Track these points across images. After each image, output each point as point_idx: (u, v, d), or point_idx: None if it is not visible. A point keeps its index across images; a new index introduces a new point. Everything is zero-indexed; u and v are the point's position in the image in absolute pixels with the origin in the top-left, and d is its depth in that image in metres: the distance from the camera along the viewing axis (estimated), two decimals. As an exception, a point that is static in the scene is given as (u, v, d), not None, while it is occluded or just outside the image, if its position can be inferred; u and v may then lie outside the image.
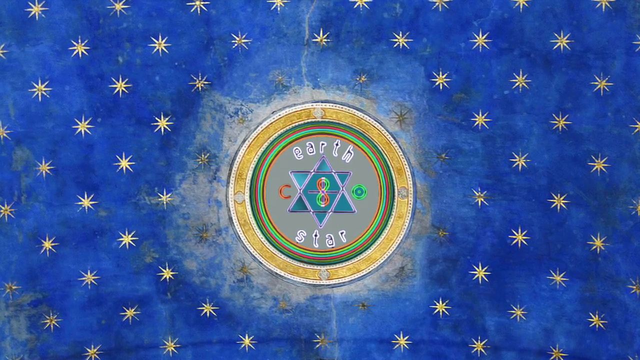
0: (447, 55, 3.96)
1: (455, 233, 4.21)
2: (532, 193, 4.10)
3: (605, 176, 3.93)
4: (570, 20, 3.85)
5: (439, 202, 4.21)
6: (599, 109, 3.93)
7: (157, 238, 4.23)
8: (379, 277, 4.35)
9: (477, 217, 4.16)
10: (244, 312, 4.34)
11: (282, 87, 4.26)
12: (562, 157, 4.03)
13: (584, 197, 3.99)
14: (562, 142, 4.02)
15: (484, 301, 4.23)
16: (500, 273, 4.21)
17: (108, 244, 4.23)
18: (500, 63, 4.00)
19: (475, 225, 4.18)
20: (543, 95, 4.01)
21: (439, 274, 4.27)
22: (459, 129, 4.04)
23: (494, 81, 4.03)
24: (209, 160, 4.30)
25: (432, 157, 4.14)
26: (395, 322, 4.30)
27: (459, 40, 3.96)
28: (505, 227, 4.17)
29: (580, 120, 3.98)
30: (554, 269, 4.12)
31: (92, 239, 4.22)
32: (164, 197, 4.25)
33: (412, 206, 4.26)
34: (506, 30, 3.92)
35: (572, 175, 4.01)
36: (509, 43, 3.96)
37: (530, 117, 4.03)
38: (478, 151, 4.11)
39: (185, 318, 4.31)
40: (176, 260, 4.29)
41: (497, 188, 4.14)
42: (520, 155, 4.07)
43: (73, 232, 4.18)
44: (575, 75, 3.94)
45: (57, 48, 4.06)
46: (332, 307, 4.33)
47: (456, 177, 4.10)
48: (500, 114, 4.03)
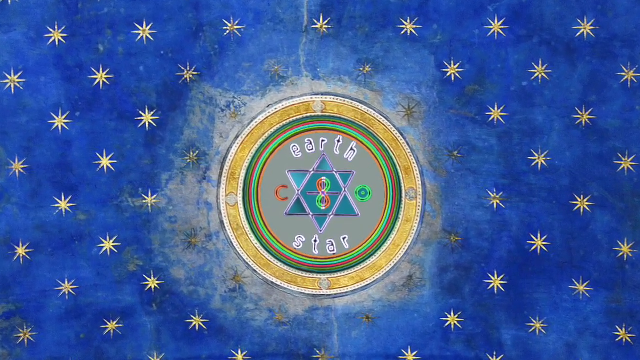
0: (459, 43, 3.97)
1: (468, 238, 4.21)
2: (552, 194, 4.11)
3: (633, 176, 3.94)
4: (594, 5, 3.85)
5: (450, 204, 4.21)
6: (626, 102, 3.94)
7: (141, 243, 4.23)
8: (385, 287, 4.35)
9: (493, 221, 4.17)
10: (237, 324, 4.35)
11: (278, 78, 4.26)
12: (585, 155, 4.03)
13: (609, 198, 4.00)
14: (585, 138, 4.02)
15: (499, 313, 4.23)
16: (517, 282, 4.21)
17: (87, 250, 4.23)
18: (518, 52, 4.01)
19: (490, 229, 4.18)
20: (565, 87, 4.01)
21: (451, 282, 4.27)
22: (473, 124, 4.04)
23: (511, 72, 4.03)
24: (198, 159, 4.30)
25: (442, 155, 4.14)
26: (403, 336, 4.30)
27: (472, 26, 3.97)
28: (523, 231, 4.17)
29: (605, 115, 3.99)
30: (577, 277, 4.12)
31: (70, 245, 4.22)
32: (148, 199, 4.25)
33: (421, 209, 4.26)
34: (524, 16, 3.92)
35: (597, 174, 4.01)
36: (527, 30, 3.96)
37: (550, 110, 4.04)
38: (493, 148, 4.11)
39: (172, 331, 4.31)
40: (162, 268, 4.29)
41: (515, 189, 4.14)
42: (539, 153, 4.07)
43: (49, 238, 4.18)
44: (600, 65, 3.94)
45: (31, 35, 4.06)
46: (333, 320, 4.33)
47: (469, 176, 4.11)
48: (518, 107, 4.04)
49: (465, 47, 4.03)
